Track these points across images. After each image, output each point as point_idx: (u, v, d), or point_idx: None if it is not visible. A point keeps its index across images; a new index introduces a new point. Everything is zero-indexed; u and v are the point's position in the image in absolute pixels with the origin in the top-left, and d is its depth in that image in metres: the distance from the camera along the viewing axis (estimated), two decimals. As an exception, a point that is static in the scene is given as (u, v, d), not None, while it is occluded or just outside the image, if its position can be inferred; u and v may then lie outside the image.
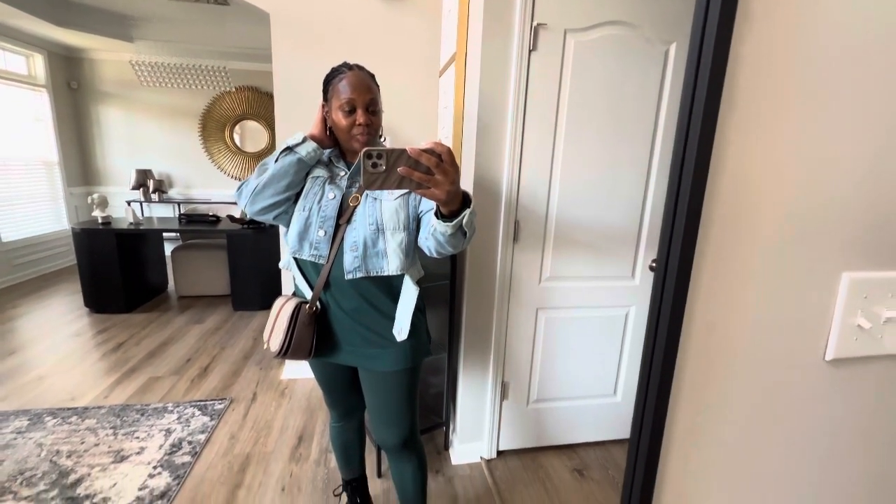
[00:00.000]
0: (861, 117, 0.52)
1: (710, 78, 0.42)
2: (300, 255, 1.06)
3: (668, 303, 0.49)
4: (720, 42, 0.42)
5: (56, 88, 4.52)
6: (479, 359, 1.70)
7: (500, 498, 1.60)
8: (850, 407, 0.60)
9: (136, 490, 1.58)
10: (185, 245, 3.77)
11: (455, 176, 0.73)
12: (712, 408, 0.58)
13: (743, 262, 0.53)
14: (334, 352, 1.11)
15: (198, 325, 3.16)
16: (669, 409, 0.56)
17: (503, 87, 1.46)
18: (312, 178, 1.07)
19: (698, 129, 0.43)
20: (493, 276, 1.61)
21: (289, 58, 2.07)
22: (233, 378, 2.43)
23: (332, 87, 1.03)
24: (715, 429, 0.59)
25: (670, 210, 0.47)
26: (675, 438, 0.59)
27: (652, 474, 0.56)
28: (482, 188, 1.53)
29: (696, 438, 0.59)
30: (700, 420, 0.59)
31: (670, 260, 0.46)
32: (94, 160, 4.95)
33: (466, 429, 1.76)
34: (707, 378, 0.57)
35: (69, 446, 1.81)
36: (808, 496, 0.64)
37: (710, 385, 0.57)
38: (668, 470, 0.61)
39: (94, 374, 2.43)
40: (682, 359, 0.54)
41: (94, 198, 3.42)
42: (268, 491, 1.61)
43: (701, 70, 0.43)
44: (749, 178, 0.50)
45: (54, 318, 3.20)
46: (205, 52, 4.58)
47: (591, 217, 1.63)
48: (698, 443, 0.60)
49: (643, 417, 0.59)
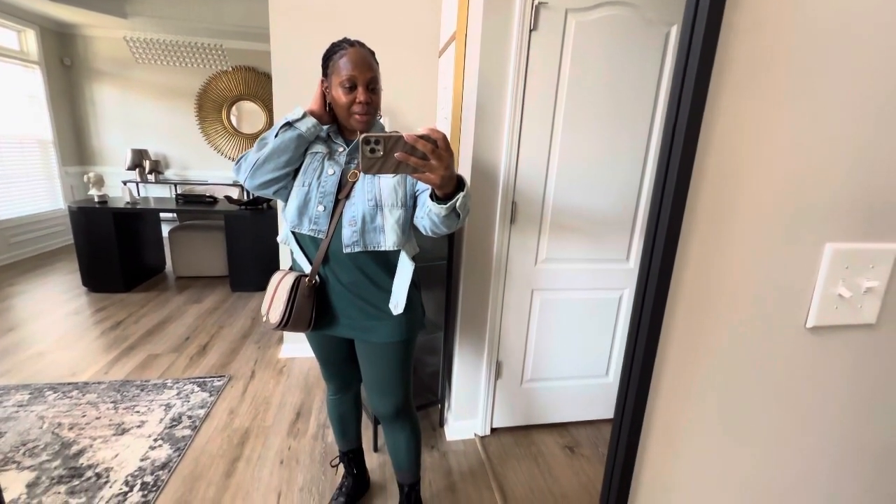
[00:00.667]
0: (850, 89, 0.53)
1: (702, 45, 0.43)
2: (299, 229, 1.08)
3: (654, 272, 0.51)
4: (713, 8, 0.43)
5: (49, 65, 4.45)
6: (474, 338, 1.73)
7: (493, 471, 1.65)
8: (829, 373, 0.63)
9: (138, 461, 1.62)
10: (183, 226, 3.77)
11: (449, 161, 0.76)
12: (695, 377, 0.61)
13: (729, 232, 0.55)
14: (332, 324, 1.14)
15: (196, 305, 3.18)
16: (653, 376, 0.59)
17: (503, 68, 1.45)
18: (311, 153, 1.07)
19: (689, 100, 0.44)
20: (489, 257, 1.63)
21: (287, 37, 2.04)
22: (231, 356, 2.46)
23: (333, 64, 1.02)
24: (697, 397, 0.62)
25: (660, 180, 0.48)
26: (658, 405, 0.62)
27: (634, 444, 0.59)
28: (480, 169, 1.54)
29: (677, 408, 0.62)
30: (682, 390, 0.61)
31: (658, 230, 0.48)
32: (90, 139, 4.90)
33: (461, 406, 1.80)
34: (690, 348, 0.59)
35: (70, 419, 1.84)
36: (790, 461, 0.67)
37: (694, 352, 0.59)
38: (650, 440, 0.63)
39: (94, 350, 2.45)
40: (666, 328, 0.56)
41: (90, 176, 3.40)
42: (266, 463, 1.65)
43: (694, 37, 0.44)
44: (736, 150, 0.52)
45: (52, 297, 3.21)
46: (201, 29, 4.50)
47: (587, 200, 1.64)
48: (681, 409, 0.62)
49: (628, 388, 0.62)
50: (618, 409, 0.66)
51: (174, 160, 5.10)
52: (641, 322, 0.57)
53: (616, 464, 0.68)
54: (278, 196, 1.10)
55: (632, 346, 0.61)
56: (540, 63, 1.47)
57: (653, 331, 0.56)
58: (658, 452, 0.65)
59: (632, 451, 0.65)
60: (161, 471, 1.57)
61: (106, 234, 3.23)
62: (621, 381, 0.63)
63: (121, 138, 4.92)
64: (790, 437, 0.66)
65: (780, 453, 0.66)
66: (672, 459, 0.65)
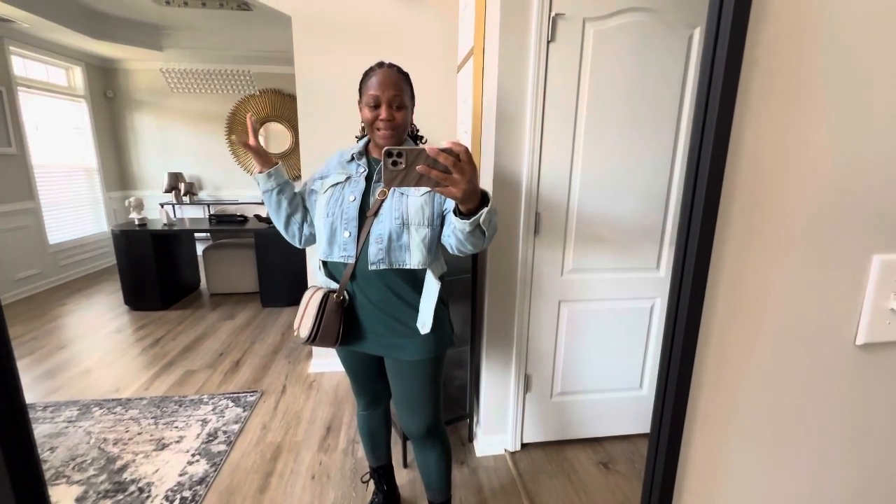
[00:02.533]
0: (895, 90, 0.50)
1: (729, 40, 0.41)
2: (330, 258, 1.11)
3: (687, 287, 0.49)
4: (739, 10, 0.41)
5: (94, 98, 4.76)
6: (501, 351, 1.71)
7: (525, 489, 1.61)
8: (880, 393, 0.59)
9: (177, 476, 1.67)
10: (216, 244, 3.92)
11: (472, 174, 0.76)
12: (735, 394, 0.58)
13: (767, 243, 0.52)
14: (360, 341, 1.15)
15: (229, 321, 3.29)
16: (690, 395, 0.56)
17: (522, 80, 1.46)
18: (332, 185, 1.11)
19: (717, 101, 0.42)
20: (514, 268, 1.62)
21: (310, 59, 2.12)
22: (263, 371, 2.52)
23: (363, 84, 1.08)
24: (738, 416, 0.59)
25: (689, 189, 0.47)
26: (696, 426, 0.59)
27: (673, 463, 0.56)
28: (502, 181, 1.54)
29: (718, 426, 0.59)
30: (722, 407, 0.58)
31: (689, 242, 0.47)
32: (130, 165, 5.20)
33: (490, 421, 1.78)
34: (730, 363, 0.56)
35: (115, 434, 1.92)
36: (835, 484, 0.63)
37: (733, 371, 0.57)
38: (690, 458, 0.61)
39: (136, 367, 2.56)
40: (703, 343, 0.54)
41: (130, 200, 3.60)
42: (298, 479, 1.67)
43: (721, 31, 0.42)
44: (772, 155, 0.50)
45: (98, 316, 3.39)
46: (230, 56, 4.73)
47: (613, 208, 1.61)
48: (721, 430, 0.59)
49: (664, 404, 0.60)
50: (653, 430, 0.63)
51: (207, 181, 5.33)
52: (675, 338, 0.55)
53: (654, 484, 0.66)
54: (308, 237, 1.22)
55: (666, 363, 0.58)
56: (559, 74, 1.46)
57: (687, 348, 0.54)
58: (698, 471, 0.62)
59: (671, 470, 0.62)
60: (199, 486, 1.62)
61: (145, 255, 3.39)
62: (656, 400, 0.61)
63: (158, 163, 5.19)
64: (843, 461, 0.61)
65: (831, 477, 0.62)
66: (714, 480, 0.62)
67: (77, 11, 3.73)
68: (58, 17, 3.51)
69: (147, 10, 3.78)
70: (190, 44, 4.39)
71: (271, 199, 1.16)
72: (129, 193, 5.17)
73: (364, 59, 1.42)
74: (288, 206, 1.18)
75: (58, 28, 3.64)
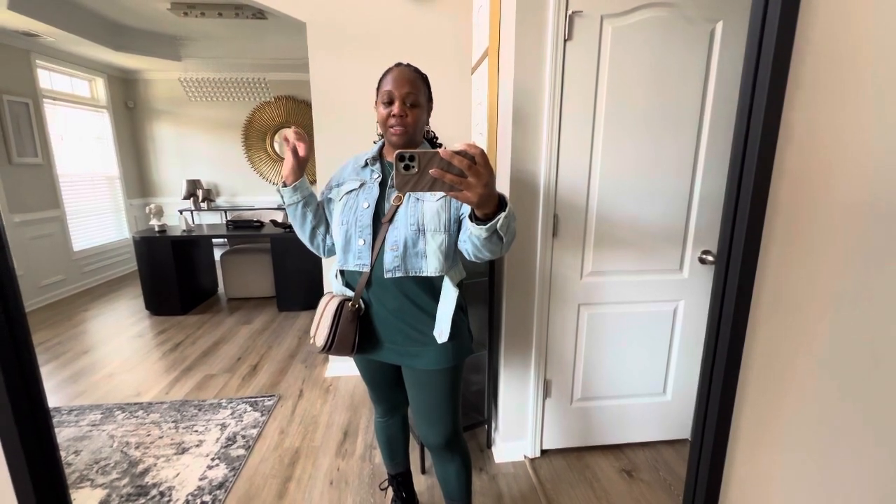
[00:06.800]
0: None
1: (778, 30, 0.38)
2: (346, 266, 1.09)
3: (731, 290, 0.46)
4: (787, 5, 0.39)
5: (115, 108, 4.89)
6: (520, 356, 1.68)
7: (546, 498, 1.57)
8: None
9: (197, 480, 1.68)
10: (233, 250, 3.97)
11: (488, 178, 0.71)
12: (783, 403, 0.54)
13: (814, 242, 0.49)
14: (377, 349, 1.13)
15: (246, 326, 3.32)
16: (735, 405, 0.53)
17: (538, 80, 1.43)
18: (347, 193, 1.10)
19: (764, 95, 0.40)
20: (532, 271, 1.59)
21: (324, 65, 2.13)
22: (280, 376, 2.53)
23: (380, 83, 1.06)
24: (786, 426, 0.55)
25: (733, 191, 0.44)
26: (741, 438, 0.56)
27: (718, 469, 0.53)
28: (519, 183, 1.51)
29: (765, 437, 0.56)
30: (769, 417, 0.55)
31: (734, 244, 0.44)
32: (150, 173, 5.32)
33: (509, 427, 1.75)
34: (776, 371, 0.53)
35: (137, 438, 1.95)
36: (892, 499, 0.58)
37: (780, 379, 0.53)
38: (734, 473, 0.57)
39: (156, 371, 2.60)
40: (748, 348, 0.51)
41: (151, 208, 3.67)
42: (317, 484, 1.66)
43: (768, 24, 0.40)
44: (820, 151, 0.47)
45: (120, 321, 3.46)
46: (246, 65, 4.81)
47: (634, 209, 1.57)
48: (768, 442, 0.56)
49: (706, 416, 0.56)
50: (695, 436, 0.60)
51: (224, 188, 5.42)
52: (719, 341, 0.52)
53: (697, 493, 0.62)
54: (331, 247, 1.20)
55: (709, 367, 0.55)
56: (577, 73, 1.43)
57: (733, 351, 0.51)
58: (743, 479, 0.58)
59: (716, 477, 0.58)
60: (218, 490, 1.62)
61: (165, 261, 3.45)
62: (697, 405, 0.58)
63: (177, 170, 5.29)
64: (899, 474, 0.57)
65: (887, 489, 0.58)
66: (760, 488, 0.58)
67: (99, 25, 3.83)
68: (81, 30, 3.62)
69: (166, 22, 3.87)
70: (207, 53, 4.48)
71: (296, 211, 1.13)
72: (150, 200, 5.28)
73: (378, 63, 1.42)
74: (313, 218, 1.15)
75: (81, 41, 3.75)
